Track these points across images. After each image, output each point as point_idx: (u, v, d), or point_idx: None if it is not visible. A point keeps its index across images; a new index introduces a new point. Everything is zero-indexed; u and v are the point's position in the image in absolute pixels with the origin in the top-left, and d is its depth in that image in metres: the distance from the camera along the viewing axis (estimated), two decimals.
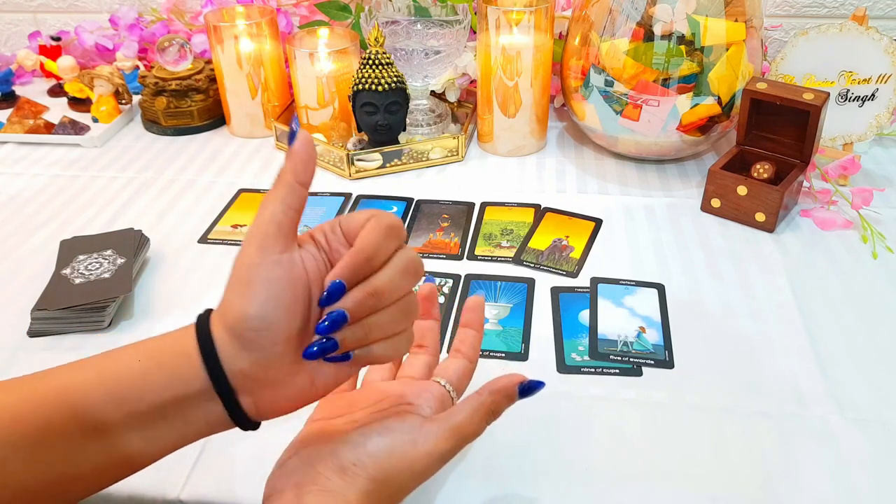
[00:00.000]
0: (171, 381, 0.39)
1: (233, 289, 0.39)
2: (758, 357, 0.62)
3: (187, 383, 0.39)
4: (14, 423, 0.38)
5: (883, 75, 0.84)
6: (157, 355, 0.40)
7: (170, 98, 1.01)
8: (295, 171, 0.41)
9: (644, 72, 0.82)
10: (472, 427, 0.43)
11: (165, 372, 0.39)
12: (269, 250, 0.39)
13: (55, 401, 0.38)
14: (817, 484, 0.51)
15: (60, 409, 0.38)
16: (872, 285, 0.70)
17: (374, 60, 0.86)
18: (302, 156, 0.41)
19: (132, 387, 0.39)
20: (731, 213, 0.80)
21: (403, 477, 0.41)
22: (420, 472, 0.42)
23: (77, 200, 0.87)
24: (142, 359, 0.39)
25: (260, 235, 0.39)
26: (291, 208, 0.40)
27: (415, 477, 0.42)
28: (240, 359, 0.39)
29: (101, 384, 0.39)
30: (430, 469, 0.42)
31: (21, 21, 1.26)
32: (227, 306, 0.39)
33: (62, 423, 0.38)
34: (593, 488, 0.51)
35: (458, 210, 0.84)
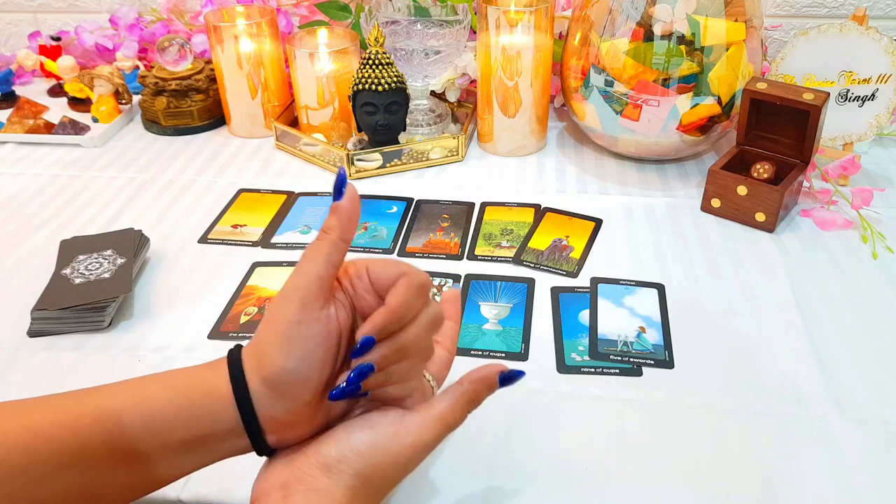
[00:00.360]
0: (203, 420, 0.40)
1: (270, 342, 0.41)
2: (758, 357, 0.62)
3: (218, 423, 0.40)
4: (48, 443, 0.39)
5: (883, 75, 0.84)
6: (189, 393, 0.41)
7: (170, 98, 1.01)
8: (341, 228, 0.42)
9: (644, 72, 0.82)
10: (453, 416, 0.43)
11: (197, 411, 0.40)
12: (309, 308, 0.40)
13: (90, 425, 0.40)
14: (817, 484, 0.51)
15: (95, 433, 0.39)
16: (872, 285, 0.70)
17: (374, 60, 0.86)
18: (349, 213, 0.42)
19: (164, 420, 0.40)
20: (731, 213, 0.80)
21: (389, 470, 0.41)
22: (405, 464, 0.42)
23: (77, 200, 0.87)
24: (175, 395, 0.41)
25: (302, 293, 0.41)
26: (334, 265, 0.41)
27: (400, 469, 0.42)
28: (273, 407, 0.41)
29: (137, 414, 0.40)
30: (415, 460, 0.42)
31: (21, 21, 1.26)
32: (265, 359, 0.41)
33: (95, 447, 0.39)
34: (593, 488, 0.51)
35: (458, 210, 0.84)
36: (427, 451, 0.43)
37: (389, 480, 0.42)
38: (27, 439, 0.39)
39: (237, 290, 0.71)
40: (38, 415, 0.40)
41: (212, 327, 0.67)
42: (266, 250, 0.78)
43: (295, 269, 0.42)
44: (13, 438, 0.39)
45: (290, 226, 0.81)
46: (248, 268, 0.74)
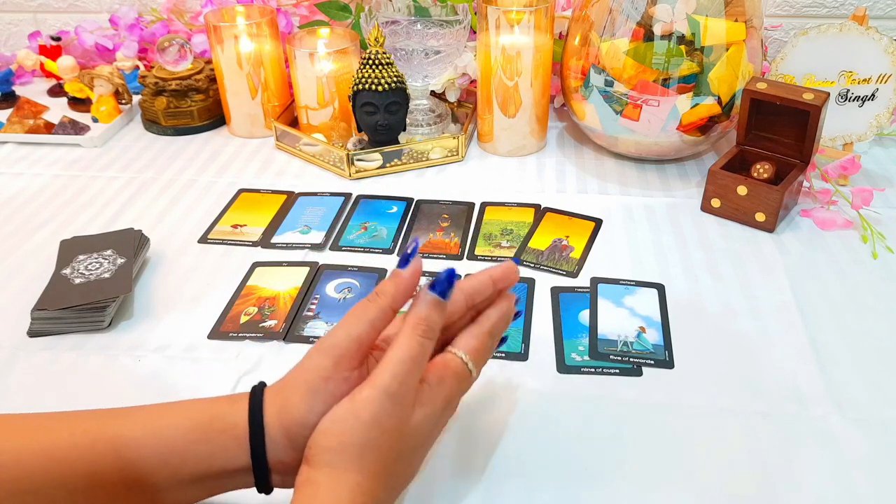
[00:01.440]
0: (216, 457, 0.41)
1: (298, 392, 0.41)
2: (758, 357, 0.62)
3: (230, 461, 0.41)
4: (61, 466, 0.39)
5: (883, 75, 0.84)
6: (207, 429, 0.41)
7: (170, 98, 1.01)
8: (395, 298, 0.42)
9: (644, 72, 0.82)
10: (404, 348, 0.41)
11: (212, 447, 0.41)
12: (342, 367, 0.41)
13: (106, 453, 0.40)
14: (817, 484, 0.51)
15: (110, 462, 0.40)
16: (872, 285, 0.70)
17: (374, 60, 0.86)
18: (408, 285, 0.43)
19: (179, 454, 0.40)
20: (731, 213, 0.80)
21: (358, 433, 0.39)
22: (374, 420, 0.39)
23: (77, 200, 0.87)
24: (192, 428, 0.41)
25: (339, 351, 0.41)
26: (376, 330, 0.42)
27: (372, 427, 0.40)
28: (285, 454, 0.41)
29: (154, 446, 0.40)
30: (387, 413, 0.40)
31: (21, 21, 1.26)
32: (288, 408, 0.41)
33: (109, 475, 0.40)
34: (593, 488, 0.51)
35: (458, 210, 0.84)
36: (394, 400, 0.40)
37: (374, 445, 0.40)
38: (41, 461, 0.40)
39: (237, 290, 0.71)
40: (54, 435, 0.41)
41: (212, 327, 0.67)
42: (266, 250, 0.78)
43: (339, 323, 0.42)
44: (28, 458, 0.40)
45: (290, 226, 0.81)
46: (248, 268, 0.74)
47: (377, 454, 0.40)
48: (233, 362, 0.63)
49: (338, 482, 0.39)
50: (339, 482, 0.39)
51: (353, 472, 0.39)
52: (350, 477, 0.39)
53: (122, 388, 0.60)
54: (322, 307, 0.69)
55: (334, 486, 0.39)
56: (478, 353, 0.46)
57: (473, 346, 0.46)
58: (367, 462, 0.40)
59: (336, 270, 0.74)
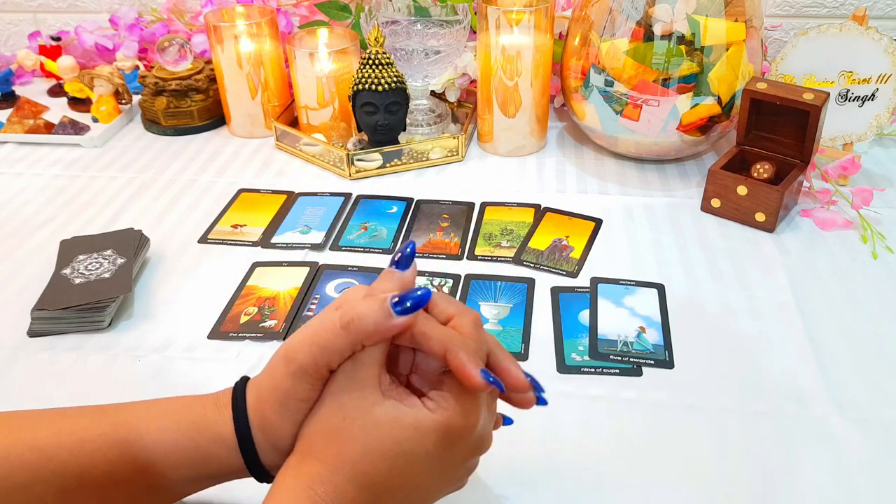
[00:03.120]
0: (209, 463, 0.41)
1: (271, 404, 0.40)
2: (758, 357, 0.62)
3: (223, 465, 0.41)
4: (51, 463, 0.40)
5: (883, 75, 0.84)
6: (196, 437, 0.41)
7: (170, 98, 1.01)
8: (371, 339, 0.39)
9: (644, 72, 0.82)
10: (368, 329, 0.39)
11: (203, 453, 0.41)
12: (307, 384, 0.40)
13: (93, 452, 0.40)
14: (817, 484, 0.51)
15: (98, 461, 0.40)
16: (872, 285, 0.70)
17: (374, 60, 0.86)
18: (391, 332, 0.40)
19: (170, 458, 0.41)
20: (731, 213, 0.80)
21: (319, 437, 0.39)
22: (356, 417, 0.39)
23: (77, 200, 0.87)
24: (180, 436, 0.41)
25: (302, 373, 0.40)
26: (343, 358, 0.40)
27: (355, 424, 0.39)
28: (277, 457, 0.41)
29: (143, 447, 0.41)
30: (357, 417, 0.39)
31: (21, 21, 1.26)
32: (266, 421, 0.41)
33: (99, 474, 0.40)
34: (593, 488, 0.51)
35: (458, 210, 0.84)
36: (352, 379, 0.39)
37: (335, 430, 0.39)
38: (32, 457, 0.40)
39: (237, 290, 0.71)
40: (43, 432, 0.41)
41: (212, 327, 0.67)
42: (266, 250, 0.78)
43: (306, 340, 0.40)
44: (17, 454, 0.39)
45: (290, 226, 0.81)
46: (248, 268, 0.74)
47: (340, 444, 0.39)
48: (233, 362, 0.63)
49: (303, 467, 0.39)
50: (304, 467, 0.39)
51: (317, 460, 0.39)
52: (313, 464, 0.39)
53: (122, 388, 0.60)
54: (322, 307, 0.69)
55: (298, 474, 0.39)
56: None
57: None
58: (331, 451, 0.39)
59: (336, 270, 0.74)
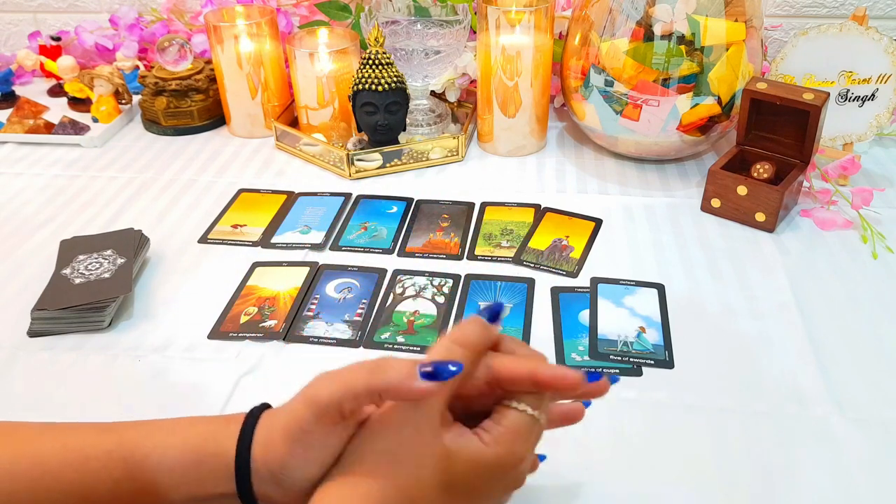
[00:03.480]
0: (206, 482, 0.41)
1: (281, 435, 0.40)
2: (758, 357, 0.62)
3: (218, 486, 0.41)
4: (55, 481, 0.40)
5: (883, 75, 0.84)
6: (200, 451, 0.41)
7: (170, 98, 1.01)
8: (390, 394, 0.39)
9: (644, 72, 0.82)
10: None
11: (203, 471, 0.41)
12: (324, 424, 0.40)
13: (99, 470, 0.41)
14: (817, 484, 0.51)
15: (103, 479, 0.41)
16: (872, 285, 0.70)
17: (374, 60, 0.86)
18: (411, 396, 0.39)
19: (173, 476, 0.41)
20: (731, 213, 0.80)
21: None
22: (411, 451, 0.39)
23: (77, 200, 0.87)
24: (186, 450, 0.41)
25: (320, 409, 0.39)
26: (360, 405, 0.40)
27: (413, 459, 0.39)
28: (270, 488, 0.41)
29: (147, 467, 0.41)
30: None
31: (21, 21, 1.26)
32: (272, 446, 0.41)
33: (101, 493, 0.41)
34: (593, 488, 0.51)
35: (458, 210, 0.84)
36: (417, 409, 0.39)
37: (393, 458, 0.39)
38: (36, 473, 0.40)
39: (237, 290, 0.71)
40: (48, 446, 0.41)
41: (212, 327, 0.67)
42: (266, 250, 0.78)
43: (329, 378, 0.40)
44: (22, 469, 0.40)
45: (290, 226, 0.81)
46: (248, 268, 0.74)
47: (392, 465, 0.39)
48: (233, 362, 0.63)
49: (348, 487, 0.39)
50: (349, 486, 0.39)
51: (366, 479, 0.39)
52: (361, 483, 0.39)
53: (122, 388, 0.60)
54: (322, 307, 0.69)
55: (344, 491, 0.39)
56: (539, 399, 0.42)
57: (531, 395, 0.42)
58: (380, 472, 0.39)
59: (336, 270, 0.74)
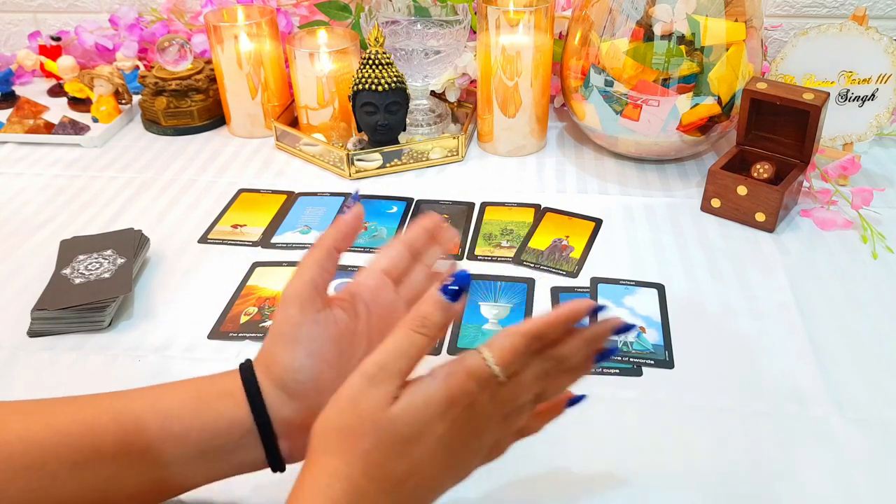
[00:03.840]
0: (218, 423, 0.41)
1: (277, 345, 0.43)
2: (758, 357, 0.62)
3: (233, 427, 0.41)
4: (66, 438, 0.40)
5: (883, 75, 0.84)
6: (205, 395, 0.42)
7: (170, 98, 1.01)
8: (336, 239, 0.45)
9: (644, 72, 0.82)
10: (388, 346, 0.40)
11: (213, 414, 0.41)
12: (308, 310, 0.43)
13: (108, 424, 0.41)
14: (817, 484, 0.51)
15: (112, 432, 0.41)
16: (872, 285, 0.70)
17: (374, 60, 0.86)
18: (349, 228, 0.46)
19: (181, 422, 0.41)
20: (731, 213, 0.80)
21: (333, 414, 0.39)
22: (369, 414, 0.38)
23: (77, 200, 0.87)
24: (190, 398, 0.42)
25: (300, 297, 0.43)
26: (327, 271, 0.44)
27: (367, 421, 0.38)
28: (285, 408, 0.42)
29: (154, 415, 0.41)
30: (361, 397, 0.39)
31: (21, 21, 1.26)
32: (273, 360, 0.42)
33: (111, 446, 0.40)
34: (593, 488, 0.51)
35: (458, 210, 0.84)
36: (370, 382, 0.38)
37: (350, 428, 0.38)
38: (46, 434, 0.40)
39: (237, 290, 0.71)
40: (58, 412, 0.41)
41: (212, 327, 0.67)
42: (266, 250, 0.78)
43: (291, 277, 0.44)
44: (33, 434, 0.40)
45: (290, 226, 0.81)
46: (248, 268, 0.74)
47: (354, 439, 0.39)
48: (233, 362, 0.62)
49: (319, 466, 0.39)
50: (319, 465, 0.39)
51: (333, 457, 0.39)
52: (330, 461, 0.39)
53: (122, 388, 0.60)
54: None
55: (315, 471, 0.39)
56: (508, 353, 0.39)
57: (501, 343, 0.40)
58: (345, 446, 0.39)
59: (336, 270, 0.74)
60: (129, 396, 0.43)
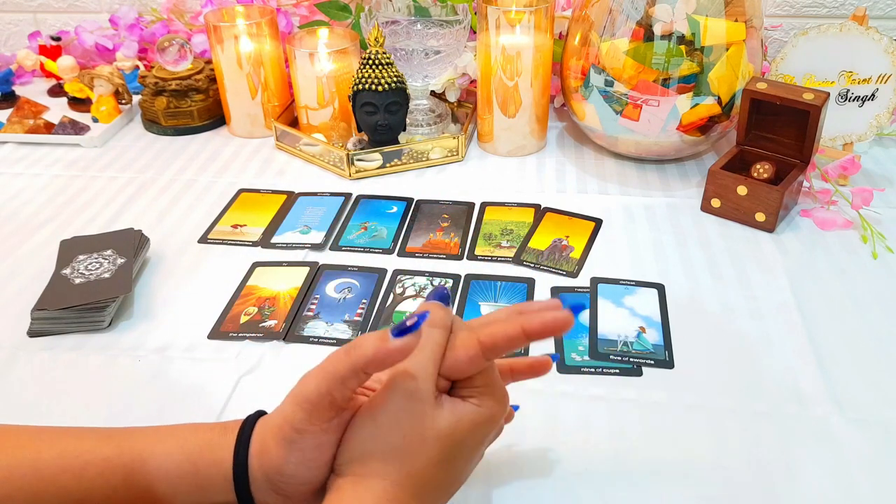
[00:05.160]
0: (204, 490, 0.41)
1: (275, 439, 0.40)
2: (758, 357, 0.62)
3: (217, 495, 0.41)
4: (53, 486, 0.40)
5: (883, 75, 0.84)
6: (198, 460, 0.41)
7: (170, 98, 1.01)
8: (371, 363, 0.38)
9: (644, 72, 0.82)
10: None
11: (201, 480, 0.41)
12: (316, 420, 0.39)
13: (95, 478, 0.41)
14: (817, 484, 0.51)
15: (99, 487, 0.41)
16: (872, 285, 0.70)
17: (374, 60, 0.86)
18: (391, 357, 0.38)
19: (170, 485, 0.41)
20: (731, 213, 0.80)
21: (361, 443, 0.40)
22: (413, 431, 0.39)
23: (77, 200, 0.87)
24: (184, 459, 0.41)
25: (311, 404, 0.39)
26: (349, 389, 0.39)
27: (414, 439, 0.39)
28: (268, 496, 0.41)
29: (144, 475, 0.41)
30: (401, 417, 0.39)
31: (21, 21, 1.26)
32: (266, 452, 0.41)
33: (98, 500, 0.41)
34: (593, 488, 0.51)
35: (458, 210, 0.83)
36: (411, 397, 0.39)
37: (395, 448, 0.39)
38: (34, 479, 0.40)
39: (237, 290, 0.71)
40: (46, 453, 0.41)
41: (212, 327, 0.67)
42: (266, 250, 0.78)
43: (314, 371, 0.40)
44: (20, 475, 0.40)
45: (290, 226, 0.81)
46: (248, 268, 0.74)
47: (403, 461, 0.39)
48: (233, 362, 0.63)
49: (363, 488, 0.39)
50: (363, 488, 0.39)
51: (378, 479, 0.39)
52: (375, 483, 0.38)
53: (122, 388, 0.60)
54: (322, 307, 0.69)
55: (359, 492, 0.38)
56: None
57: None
58: (393, 469, 0.39)
59: (336, 270, 0.74)
60: (120, 447, 0.42)
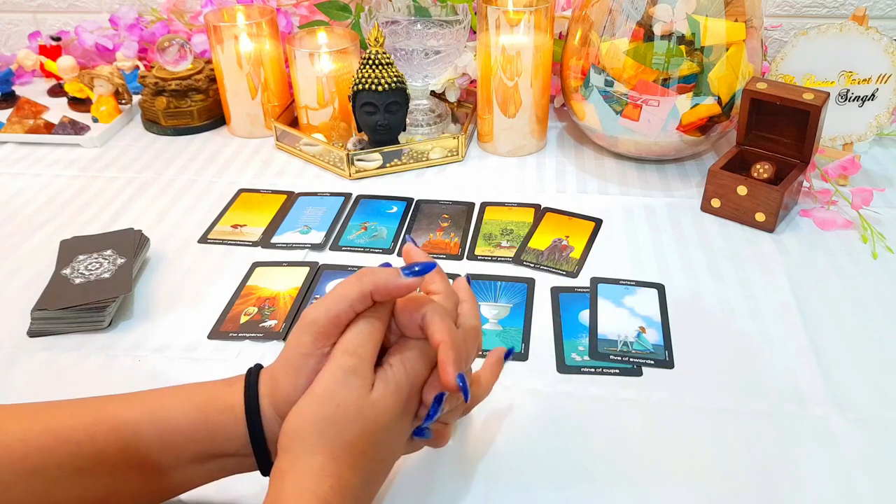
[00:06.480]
0: (216, 436, 0.41)
1: (282, 370, 0.42)
2: (758, 357, 0.62)
3: (230, 440, 0.42)
4: (66, 445, 0.40)
5: (883, 75, 0.84)
6: (206, 409, 0.42)
7: (170, 98, 1.01)
8: (379, 288, 0.42)
9: (644, 72, 0.82)
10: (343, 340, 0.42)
11: (212, 426, 0.41)
12: (320, 343, 0.41)
13: (108, 432, 0.41)
14: (817, 484, 0.51)
15: (112, 441, 0.41)
16: (872, 285, 0.70)
17: (374, 60, 0.86)
18: (398, 290, 0.42)
19: (180, 433, 0.41)
20: (731, 213, 0.80)
21: (309, 411, 0.40)
22: (350, 404, 0.40)
23: (77, 200, 0.87)
24: (191, 409, 0.42)
25: (316, 327, 0.41)
26: (355, 311, 0.42)
27: (350, 412, 0.40)
28: (279, 428, 0.41)
29: (153, 426, 0.41)
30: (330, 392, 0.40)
31: (21, 21, 1.26)
32: (275, 385, 0.42)
33: (111, 454, 0.41)
34: (593, 488, 0.51)
35: (458, 210, 0.84)
36: (347, 372, 0.40)
37: (332, 421, 0.39)
38: (46, 440, 0.40)
39: (237, 290, 0.71)
40: (58, 416, 0.41)
41: (212, 327, 0.67)
42: (266, 250, 0.78)
43: (322, 298, 0.42)
44: (34, 438, 0.40)
45: (290, 226, 0.81)
46: (248, 268, 0.74)
47: (337, 429, 0.39)
48: (233, 362, 0.63)
49: (302, 466, 0.38)
50: (303, 466, 0.38)
51: (316, 454, 0.39)
52: (313, 459, 0.38)
53: (122, 388, 0.59)
54: None
55: (298, 474, 0.38)
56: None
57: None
58: (327, 441, 0.39)
59: (336, 270, 0.74)
60: (129, 404, 0.43)
